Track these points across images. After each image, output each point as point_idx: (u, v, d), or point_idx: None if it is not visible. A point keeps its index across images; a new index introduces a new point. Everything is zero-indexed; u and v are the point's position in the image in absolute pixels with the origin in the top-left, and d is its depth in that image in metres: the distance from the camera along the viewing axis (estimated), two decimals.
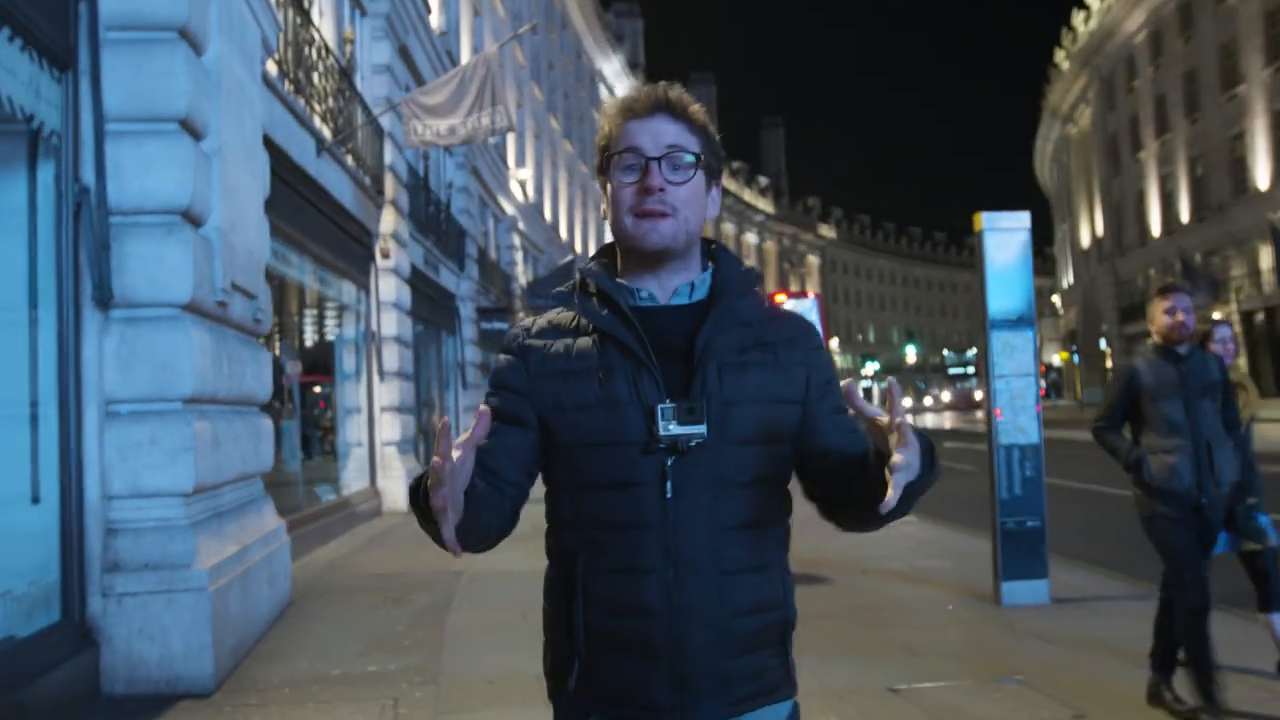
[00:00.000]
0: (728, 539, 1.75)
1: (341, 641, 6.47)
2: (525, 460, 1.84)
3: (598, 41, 51.11)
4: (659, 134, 1.80)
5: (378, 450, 14.80)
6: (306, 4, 11.58)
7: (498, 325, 25.09)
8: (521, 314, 30.10)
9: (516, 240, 31.63)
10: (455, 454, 1.49)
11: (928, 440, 1.62)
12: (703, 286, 1.88)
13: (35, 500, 5.21)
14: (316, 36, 11.33)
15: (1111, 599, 7.31)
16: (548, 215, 38.67)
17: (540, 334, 1.88)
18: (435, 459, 1.48)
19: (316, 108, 11.30)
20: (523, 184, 32.31)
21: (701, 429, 1.72)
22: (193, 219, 5.73)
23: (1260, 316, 42.89)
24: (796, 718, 1.87)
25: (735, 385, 1.78)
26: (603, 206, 1.91)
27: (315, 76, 11.24)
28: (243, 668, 5.82)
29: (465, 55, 24.46)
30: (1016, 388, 7.51)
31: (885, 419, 1.56)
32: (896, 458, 1.53)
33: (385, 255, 14.74)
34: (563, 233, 42.02)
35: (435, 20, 20.10)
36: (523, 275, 32.28)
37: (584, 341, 1.82)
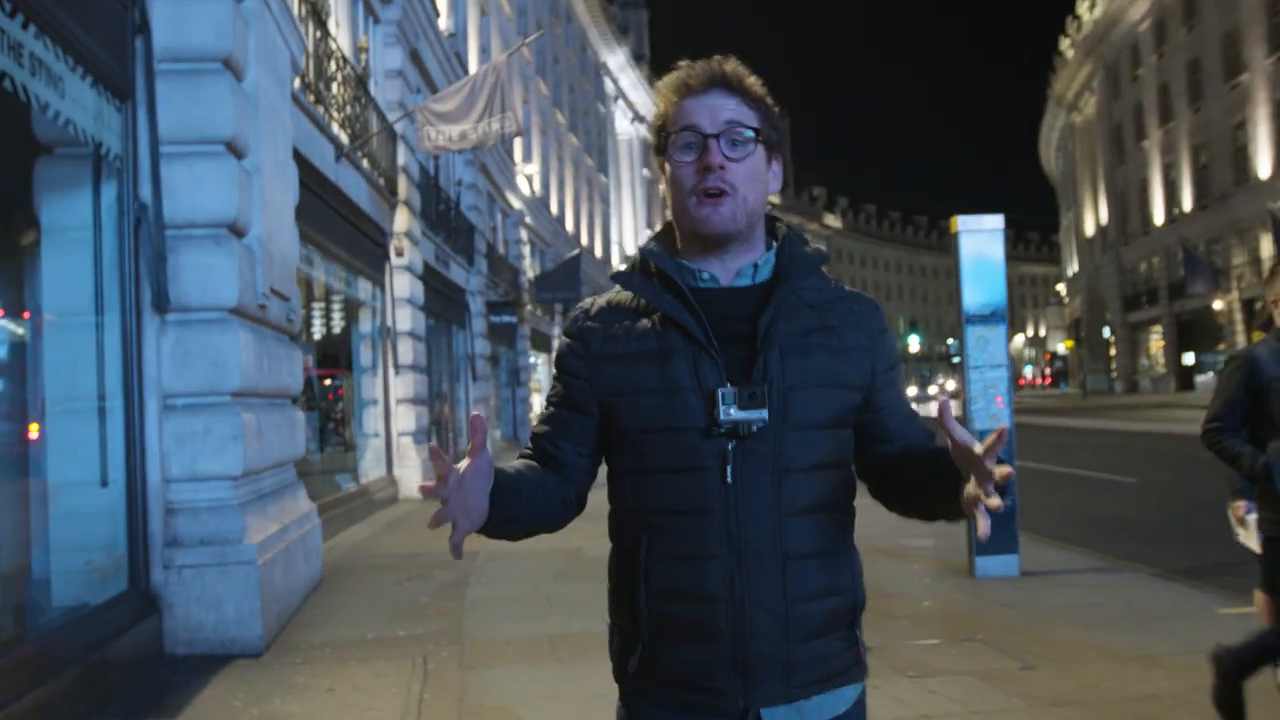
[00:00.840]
0: (791, 524, 1.75)
1: (372, 611, 7.14)
2: (589, 446, 1.87)
3: (602, 35, 51.57)
4: (716, 110, 1.79)
5: (394, 440, 15.47)
6: (325, 16, 12.20)
7: (506, 319, 25.77)
8: (529, 307, 30.77)
9: (524, 234, 32.25)
10: (459, 471, 1.57)
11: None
12: (766, 267, 1.86)
13: (104, 484, 5.87)
14: (335, 48, 11.98)
15: (1074, 572, 7.96)
16: (554, 208, 39.27)
17: (599, 316, 1.87)
18: (428, 485, 1.57)
19: (335, 115, 11.94)
20: (529, 179, 32.91)
21: (763, 414, 1.71)
22: (237, 231, 6.38)
23: (1260, 305, 43.38)
24: (864, 700, 1.88)
25: (798, 370, 1.76)
26: (661, 188, 1.90)
27: (334, 86, 11.88)
28: (286, 632, 6.49)
29: (473, 55, 25.08)
30: (990, 378, 8.13)
31: (976, 449, 1.55)
32: (975, 491, 1.56)
33: (399, 253, 15.40)
34: (569, 225, 42.62)
35: (444, 23, 20.73)
36: (530, 269, 32.92)
37: (644, 324, 1.81)
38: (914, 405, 1.96)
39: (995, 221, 8.12)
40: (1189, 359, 50.93)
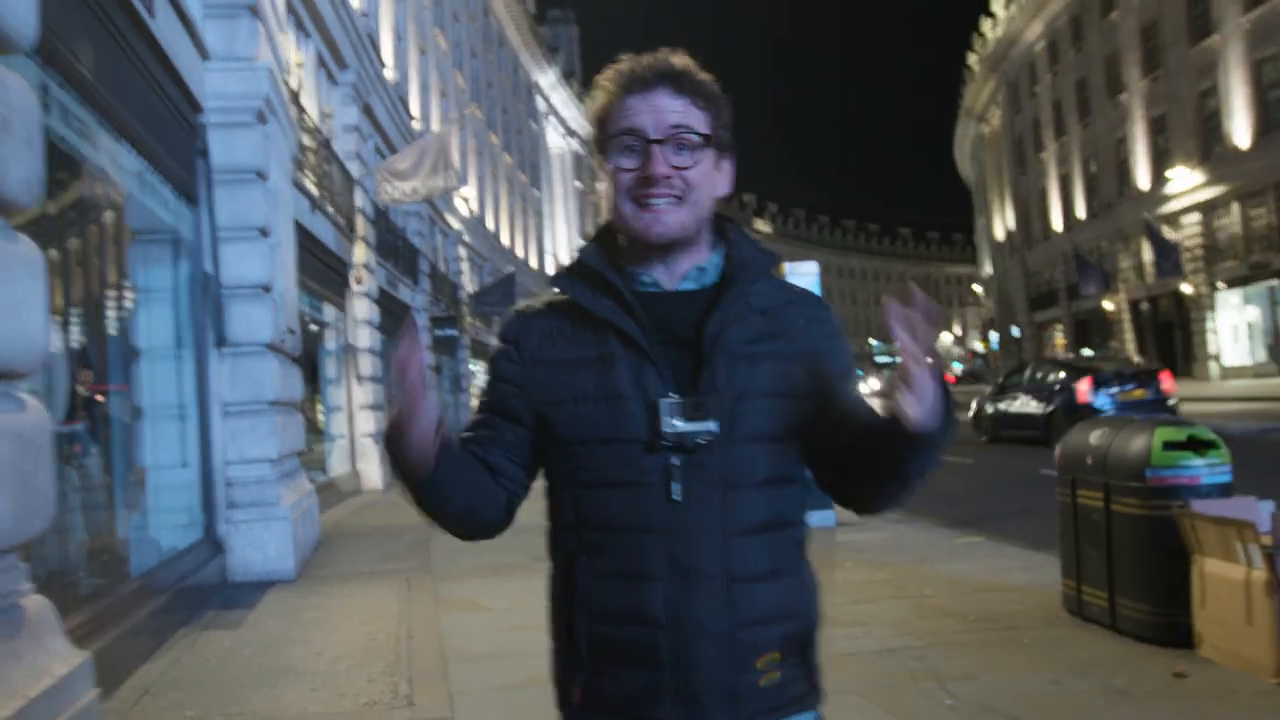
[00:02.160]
0: (739, 545, 1.62)
1: (363, 556, 9.91)
2: (522, 456, 1.74)
3: (533, 56, 54.25)
4: (662, 111, 1.64)
5: (356, 440, 18.15)
6: (299, 92, 14.90)
7: (449, 332, 28.46)
8: (469, 320, 33.44)
9: (462, 252, 34.94)
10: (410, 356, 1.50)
11: (946, 389, 1.52)
12: (713, 270, 1.73)
13: (184, 465, 8.58)
14: (310, 123, 14.69)
15: (880, 523, 10.90)
16: (490, 225, 41.92)
17: (536, 318, 1.75)
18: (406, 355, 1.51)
19: (309, 174, 14.63)
20: (466, 200, 35.56)
21: (710, 426, 1.59)
22: (267, 289, 9.13)
23: (1145, 305, 47.23)
24: None
25: (747, 378, 1.63)
26: (598, 186, 1.75)
27: (309, 154, 14.58)
28: (308, 568, 9.25)
29: (414, 95, 27.75)
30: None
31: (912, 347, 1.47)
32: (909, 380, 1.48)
33: (359, 281, 18.09)
34: (505, 240, 45.26)
35: (389, 73, 23.38)
36: (470, 283, 35.61)
37: (583, 328, 1.68)
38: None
39: (811, 268, 11.03)
40: (1086, 354, 54.81)
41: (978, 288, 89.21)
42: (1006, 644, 5.70)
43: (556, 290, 1.77)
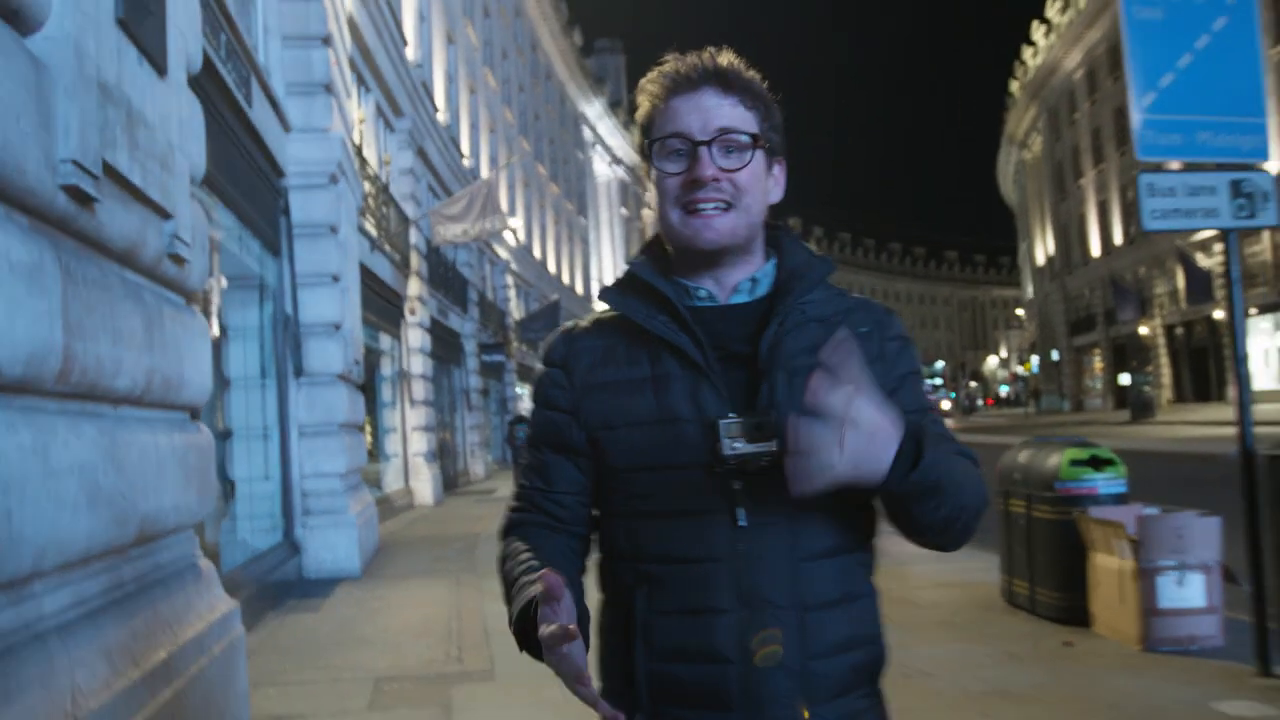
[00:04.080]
0: (809, 570, 1.54)
1: (417, 560, 11.32)
2: (587, 491, 1.68)
3: (580, 88, 55.92)
4: (709, 113, 1.57)
5: (409, 460, 19.62)
6: (361, 145, 16.46)
7: (496, 358, 29.99)
8: (516, 344, 34.98)
9: (510, 280, 36.51)
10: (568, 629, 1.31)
11: (911, 427, 1.45)
12: (766, 280, 1.65)
13: (267, 478, 10.04)
14: (370, 172, 16.24)
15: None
16: (537, 253, 43.50)
17: (584, 339, 1.68)
18: (551, 629, 1.32)
19: (369, 218, 16.16)
20: (514, 230, 37.15)
21: (772, 445, 1.47)
22: (338, 327, 10.59)
23: (1180, 330, 47.90)
24: None
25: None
26: (646, 196, 1.69)
27: (369, 199, 16.13)
28: (370, 569, 10.68)
29: (465, 134, 29.37)
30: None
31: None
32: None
33: (413, 312, 19.62)
34: (551, 267, 46.84)
35: (441, 116, 25.00)
36: (516, 310, 37.17)
37: (635, 348, 1.61)
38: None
39: None
40: (1124, 379, 55.36)
41: (1020, 311, 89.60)
42: (941, 624, 6.96)
43: (605, 307, 1.68)
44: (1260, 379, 40.45)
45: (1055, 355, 67.22)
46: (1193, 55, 5.29)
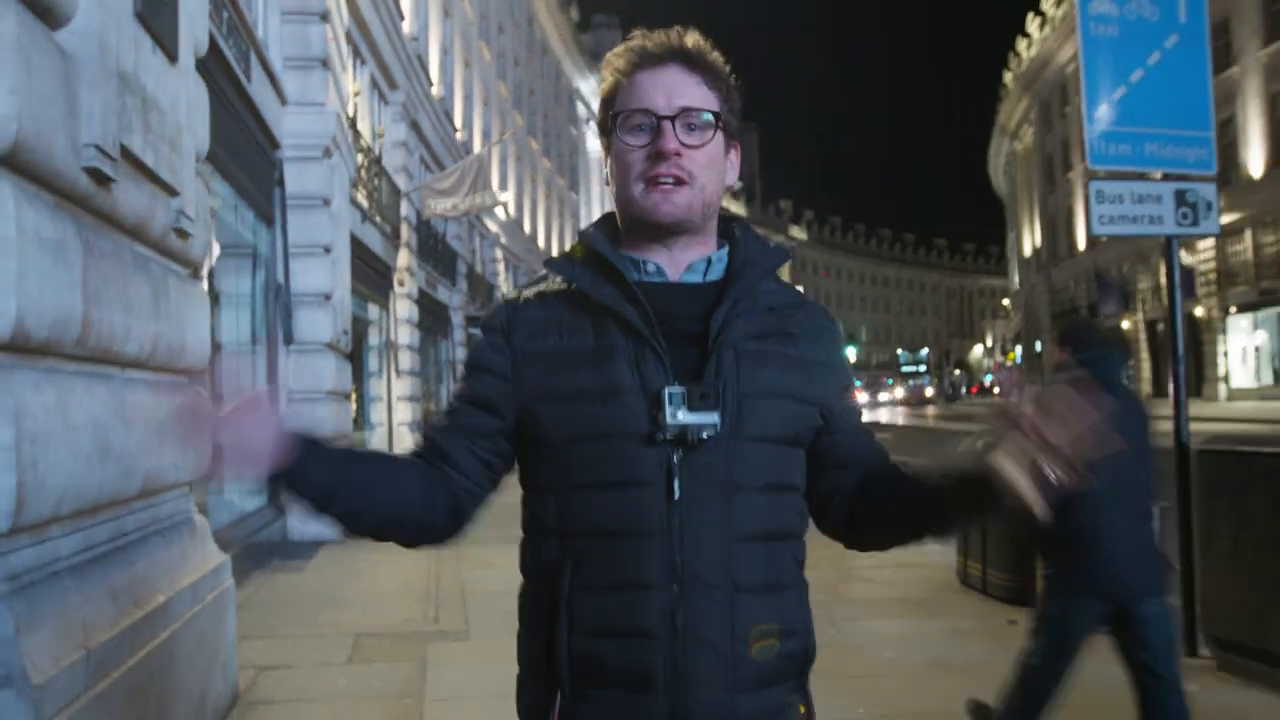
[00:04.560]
0: (743, 551, 1.53)
1: None
2: (486, 452, 1.64)
3: (575, 64, 55.94)
4: (673, 88, 1.59)
5: (395, 429, 19.91)
6: (355, 118, 16.68)
7: None
8: None
9: (499, 254, 36.73)
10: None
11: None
12: (719, 264, 1.66)
13: None
14: (363, 144, 16.46)
15: None
16: (527, 228, 43.69)
17: (527, 308, 1.64)
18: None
19: (361, 189, 16.39)
20: (505, 205, 37.33)
21: (714, 418, 1.50)
22: (328, 297, 10.87)
23: (1161, 325, 48.35)
24: None
25: (753, 376, 1.56)
26: (605, 170, 1.68)
27: (361, 171, 16.36)
28: None
29: (458, 107, 29.53)
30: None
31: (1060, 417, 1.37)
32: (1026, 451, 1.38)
33: (401, 283, 19.86)
34: (541, 242, 47.01)
35: (435, 90, 25.16)
36: (504, 284, 37.37)
37: (579, 317, 1.59)
38: (866, 412, 1.78)
39: None
40: None
41: (1006, 301, 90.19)
42: (898, 601, 7.32)
43: (550, 276, 1.68)
44: (1239, 377, 41.05)
45: (1039, 346, 67.73)
46: (1144, 71, 5.60)
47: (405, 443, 19.95)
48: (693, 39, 1.64)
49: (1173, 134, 5.69)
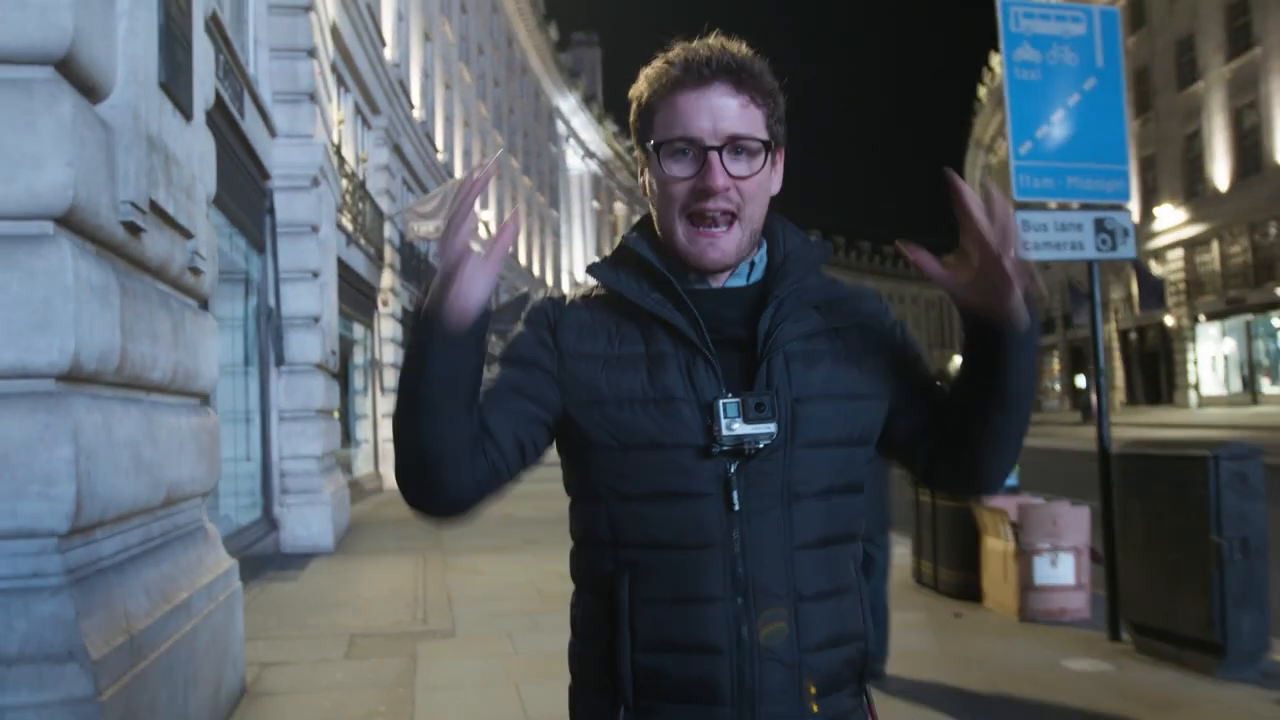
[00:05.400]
0: (803, 560, 1.51)
1: (386, 537, 12.14)
2: (526, 437, 1.55)
3: (555, 82, 56.56)
4: (720, 114, 1.50)
5: (380, 445, 20.39)
6: (340, 145, 17.20)
7: None
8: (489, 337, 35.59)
9: None
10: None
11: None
12: (761, 264, 1.62)
13: (249, 459, 10.82)
14: (348, 170, 16.99)
15: None
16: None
17: (574, 310, 1.60)
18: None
19: (346, 214, 16.91)
20: (486, 224, 37.84)
21: (771, 428, 1.47)
22: (317, 320, 11.38)
23: (1133, 335, 49.19)
24: None
25: (804, 379, 1.53)
26: (641, 180, 1.62)
27: (345, 196, 16.88)
28: (343, 544, 11.48)
29: (439, 128, 30.07)
30: None
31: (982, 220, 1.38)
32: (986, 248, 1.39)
33: (385, 304, 20.37)
34: (522, 259, 47.55)
35: (417, 113, 25.71)
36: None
37: (626, 325, 1.56)
38: None
39: None
40: (1080, 381, 56.73)
41: None
42: None
43: (594, 282, 1.62)
44: (1208, 384, 41.82)
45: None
46: (1065, 110, 6.18)
47: (391, 459, 20.39)
48: (740, 52, 1.54)
49: (1092, 167, 6.26)
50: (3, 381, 3.22)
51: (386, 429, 20.37)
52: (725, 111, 1.51)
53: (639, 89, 1.59)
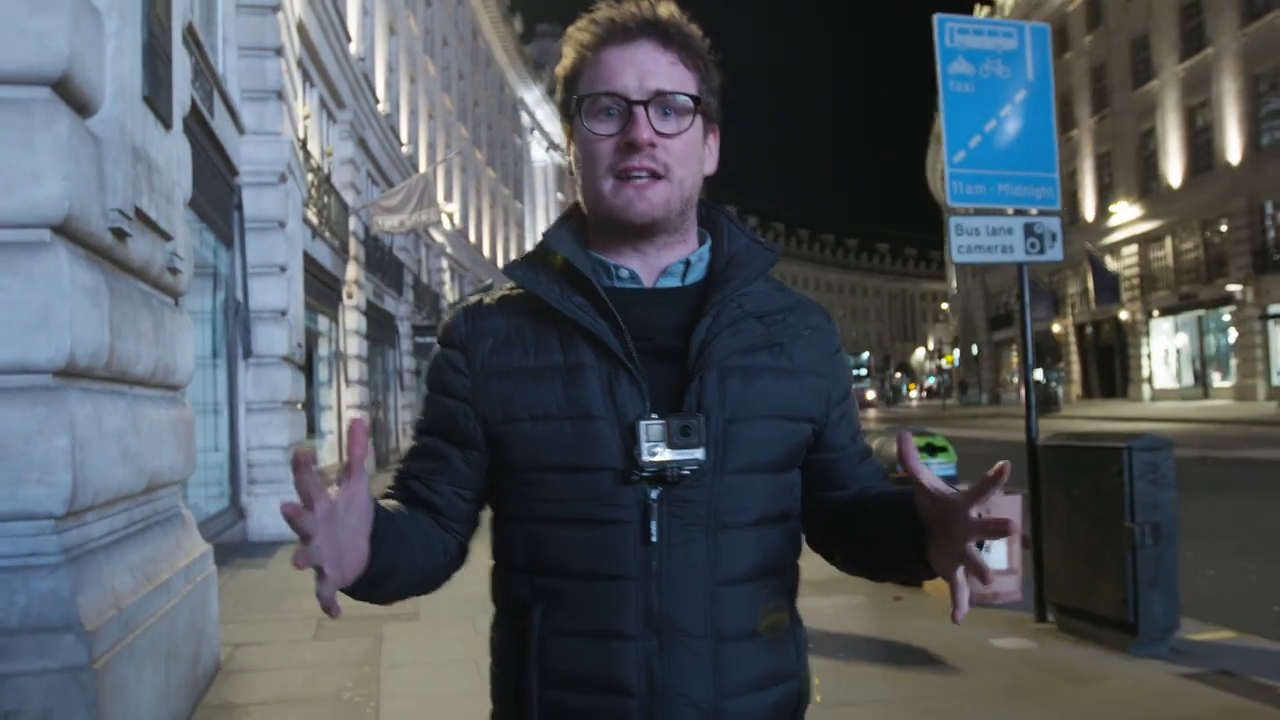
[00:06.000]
0: (727, 595, 1.40)
1: None
2: (474, 487, 1.51)
3: (519, 75, 56.65)
4: (646, 68, 1.41)
5: (344, 436, 20.58)
6: (306, 139, 17.40)
7: (429, 339, 30.94)
8: None
9: (445, 264, 37.44)
10: (328, 497, 1.21)
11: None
12: (700, 265, 1.50)
13: (217, 450, 11.07)
14: (313, 164, 17.19)
15: None
16: (473, 237, 44.38)
17: (487, 318, 1.49)
18: (290, 505, 1.19)
19: (311, 207, 17.10)
20: (450, 215, 38.03)
21: (698, 454, 1.36)
22: (284, 313, 11.63)
23: (1089, 329, 50.09)
24: None
25: (740, 396, 1.40)
26: (568, 159, 1.51)
27: (310, 190, 17.08)
28: None
29: (404, 121, 30.23)
30: None
31: (958, 500, 1.29)
32: (963, 548, 1.29)
33: (350, 296, 20.57)
34: (486, 251, 47.73)
35: (382, 106, 25.88)
36: (450, 293, 38.11)
37: (545, 330, 1.43)
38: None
39: None
40: (1038, 374, 57.62)
41: (945, 305, 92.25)
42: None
43: (511, 283, 1.51)
44: (1161, 378, 42.73)
45: (975, 350, 69.51)
46: (997, 121, 6.57)
47: None
48: (667, 9, 1.46)
49: (1022, 175, 6.65)
50: (4, 377, 3.51)
51: (349, 420, 20.63)
52: (652, 67, 1.42)
53: (564, 57, 1.50)
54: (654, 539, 1.37)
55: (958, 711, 5.11)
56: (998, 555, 7.29)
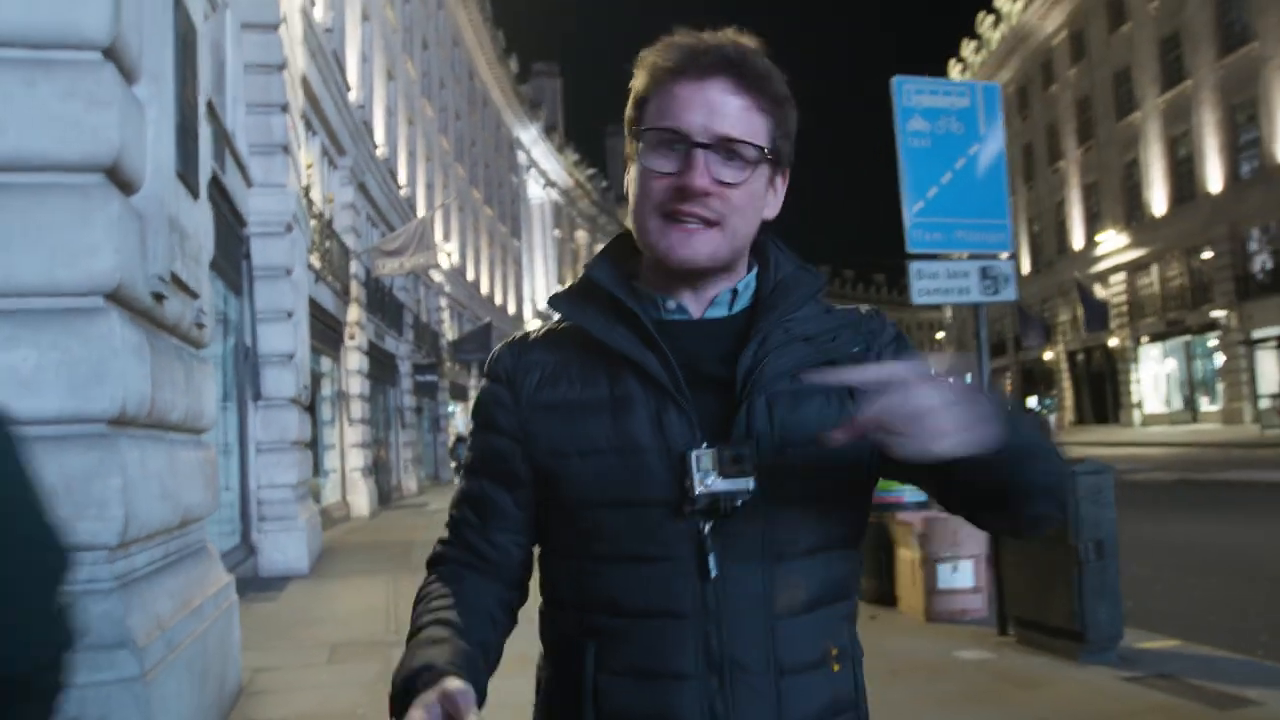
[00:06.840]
0: (786, 629, 1.35)
1: (357, 562, 12.90)
2: (528, 531, 1.48)
3: (516, 114, 57.47)
4: (715, 110, 1.34)
5: (347, 475, 21.11)
6: (309, 187, 18.01)
7: (429, 377, 31.51)
8: (449, 364, 36.45)
9: (444, 302, 38.04)
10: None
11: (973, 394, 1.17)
12: (747, 293, 1.45)
13: (228, 489, 11.56)
14: (316, 211, 17.80)
15: None
16: (471, 275, 44.99)
17: (532, 353, 1.46)
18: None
19: (314, 253, 17.69)
20: (449, 255, 38.65)
21: (748, 483, 1.31)
22: (291, 357, 12.17)
23: (1081, 357, 50.66)
24: None
25: (790, 421, 1.35)
26: (626, 179, 1.44)
27: (314, 236, 17.68)
28: (318, 568, 12.24)
29: (402, 163, 30.91)
30: None
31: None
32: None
33: (352, 337, 21.14)
34: (484, 289, 48.34)
35: (380, 151, 26.54)
36: (450, 332, 38.67)
37: (591, 365, 1.41)
38: None
39: None
40: (1031, 401, 58.13)
41: (940, 335, 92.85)
42: None
43: (556, 317, 1.47)
44: (1150, 403, 43.26)
45: (970, 379, 69.84)
46: (952, 173, 7.13)
47: (358, 488, 21.16)
48: (748, 47, 1.38)
49: (976, 222, 7.21)
50: (67, 426, 4.04)
51: (354, 459, 21.14)
52: (722, 109, 1.34)
53: (636, 78, 1.43)
54: (713, 574, 1.32)
55: (918, 714, 5.60)
56: (965, 575, 7.80)
